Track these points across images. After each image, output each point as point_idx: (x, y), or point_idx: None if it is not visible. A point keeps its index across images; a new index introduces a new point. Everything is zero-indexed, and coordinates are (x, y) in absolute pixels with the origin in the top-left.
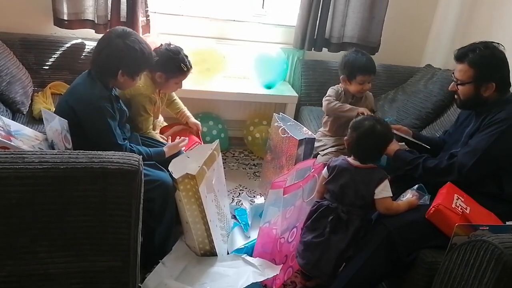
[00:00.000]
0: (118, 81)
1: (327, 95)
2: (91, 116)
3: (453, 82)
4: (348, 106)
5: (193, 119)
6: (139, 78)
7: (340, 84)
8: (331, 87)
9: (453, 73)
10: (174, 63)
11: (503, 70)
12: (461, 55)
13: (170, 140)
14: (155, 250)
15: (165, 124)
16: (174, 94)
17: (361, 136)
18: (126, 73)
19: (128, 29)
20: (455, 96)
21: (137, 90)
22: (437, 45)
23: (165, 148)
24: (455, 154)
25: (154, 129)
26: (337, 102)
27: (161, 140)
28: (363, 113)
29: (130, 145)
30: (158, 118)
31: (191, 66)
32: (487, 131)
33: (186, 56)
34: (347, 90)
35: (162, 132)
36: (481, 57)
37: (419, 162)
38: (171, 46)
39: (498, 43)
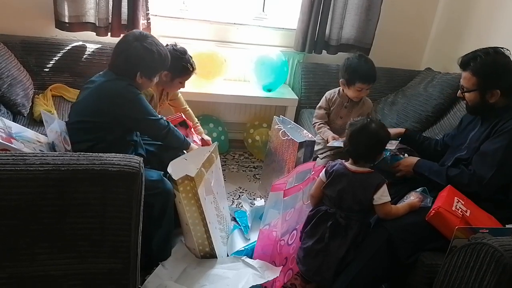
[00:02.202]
0: (136, 82)
1: (318, 106)
2: (135, 106)
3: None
4: (322, 133)
5: (205, 136)
6: (156, 79)
7: (339, 87)
8: (327, 92)
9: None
10: (180, 63)
11: (507, 76)
12: (464, 63)
13: None
14: (153, 253)
15: None
16: (185, 103)
17: (354, 133)
18: (144, 75)
19: (145, 32)
20: (464, 102)
21: None
22: (437, 49)
23: (192, 143)
24: (460, 158)
25: None
26: (318, 123)
27: None
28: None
29: (168, 124)
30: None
31: (195, 67)
32: (500, 139)
33: (191, 57)
34: (344, 94)
35: None
36: (482, 65)
37: (444, 171)
38: (178, 46)
39: (502, 48)
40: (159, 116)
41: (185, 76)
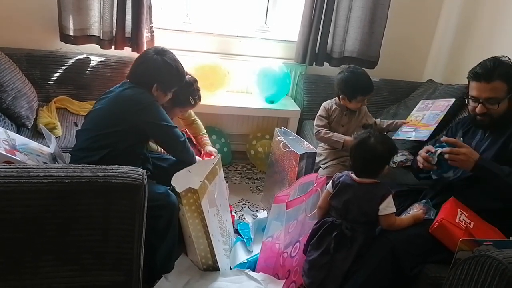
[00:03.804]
0: (151, 95)
1: (317, 115)
2: (152, 110)
3: (479, 105)
4: (334, 137)
5: (209, 148)
6: (170, 95)
7: (334, 99)
8: (324, 102)
9: (472, 96)
10: (184, 93)
11: None
12: (489, 73)
13: None
14: (157, 267)
15: None
16: (193, 114)
17: (352, 147)
18: (160, 88)
19: (166, 48)
20: (478, 117)
21: None
22: (439, 61)
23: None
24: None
25: None
26: (324, 130)
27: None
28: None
29: (184, 135)
30: None
31: (200, 100)
32: None
33: (199, 90)
34: (342, 104)
35: None
36: (506, 69)
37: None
38: (187, 75)
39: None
40: (173, 124)
41: (186, 107)
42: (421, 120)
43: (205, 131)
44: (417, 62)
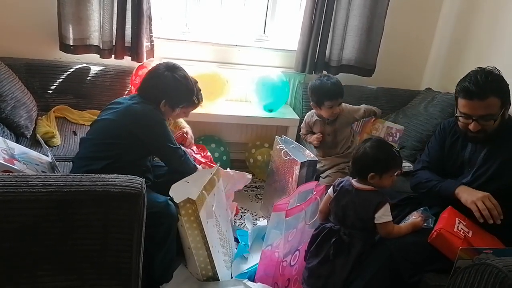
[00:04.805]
0: (160, 111)
1: (302, 125)
2: (159, 130)
3: (473, 122)
4: (308, 138)
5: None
6: (178, 111)
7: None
8: (306, 115)
9: (464, 113)
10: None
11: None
12: (482, 91)
13: None
14: (155, 277)
15: None
16: (186, 124)
17: (353, 154)
18: (168, 103)
19: (177, 64)
20: (471, 134)
21: None
22: (437, 69)
23: (199, 167)
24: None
25: None
26: (305, 135)
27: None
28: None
29: (185, 154)
30: None
31: (202, 100)
32: None
33: (199, 90)
34: (320, 115)
35: None
36: (498, 83)
37: None
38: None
39: (492, 67)
40: (178, 145)
41: (189, 107)
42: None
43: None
44: (415, 71)
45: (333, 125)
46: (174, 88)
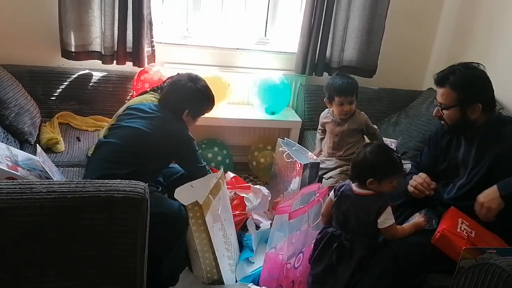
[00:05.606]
0: (181, 119)
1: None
2: (188, 146)
3: (436, 108)
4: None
5: None
6: (198, 119)
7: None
8: (322, 113)
9: (435, 98)
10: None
11: (487, 90)
12: (442, 79)
13: None
14: (163, 279)
15: None
16: None
17: (353, 157)
18: (191, 113)
19: (199, 75)
20: (442, 122)
21: None
22: (438, 69)
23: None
24: (462, 185)
25: None
26: (320, 134)
27: None
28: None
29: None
30: None
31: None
32: None
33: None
34: (335, 115)
35: None
36: (462, 78)
37: None
38: None
39: (478, 63)
40: (204, 163)
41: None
42: None
43: None
44: (416, 71)
45: (342, 127)
46: (197, 99)
